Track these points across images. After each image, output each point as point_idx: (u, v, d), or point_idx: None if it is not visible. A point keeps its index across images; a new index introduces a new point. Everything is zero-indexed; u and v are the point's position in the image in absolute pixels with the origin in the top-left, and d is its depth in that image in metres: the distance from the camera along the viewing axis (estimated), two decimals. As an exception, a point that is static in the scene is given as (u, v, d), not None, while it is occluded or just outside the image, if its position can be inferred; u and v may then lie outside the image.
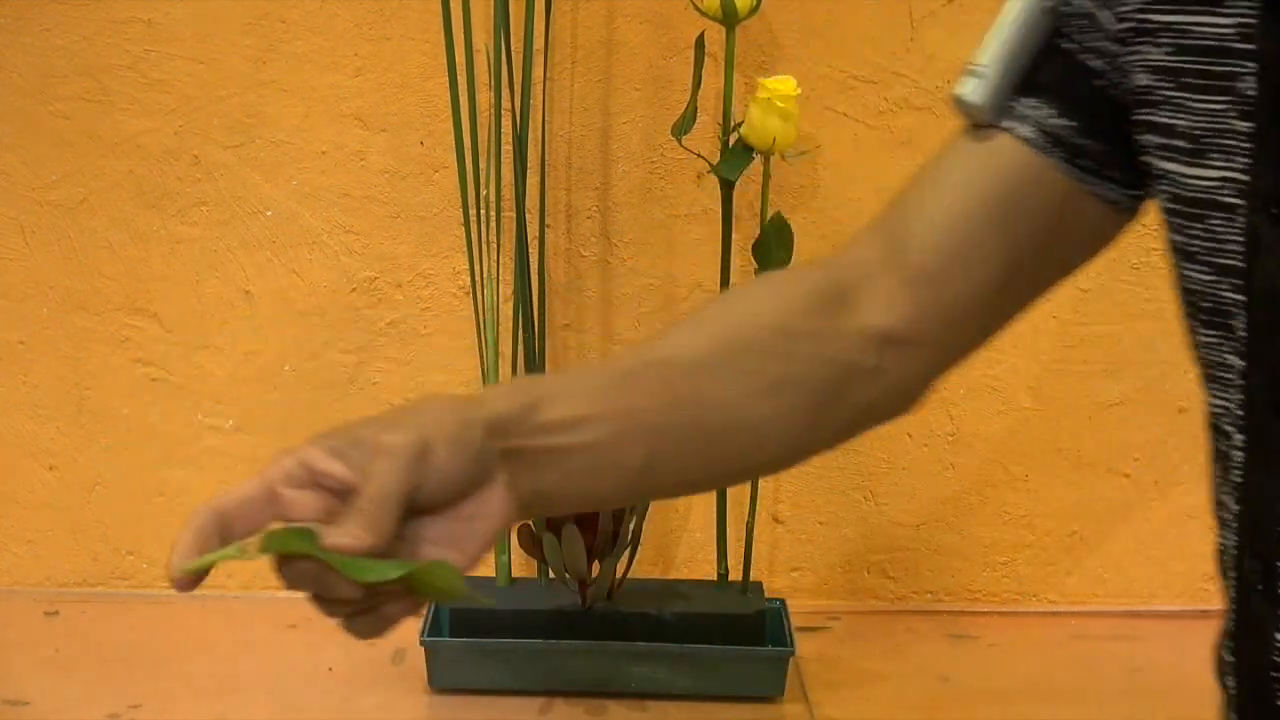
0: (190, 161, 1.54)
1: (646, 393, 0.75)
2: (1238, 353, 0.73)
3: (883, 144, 1.52)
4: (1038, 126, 0.80)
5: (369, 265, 1.56)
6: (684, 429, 0.76)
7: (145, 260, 1.56)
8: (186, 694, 1.39)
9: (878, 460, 1.58)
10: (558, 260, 1.55)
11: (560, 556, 1.36)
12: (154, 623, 1.55)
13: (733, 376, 0.77)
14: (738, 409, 0.77)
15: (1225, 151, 0.71)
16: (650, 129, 1.52)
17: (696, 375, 0.77)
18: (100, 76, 1.52)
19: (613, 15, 1.50)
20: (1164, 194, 0.76)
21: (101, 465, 1.60)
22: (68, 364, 1.58)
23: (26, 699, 1.37)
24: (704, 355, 0.78)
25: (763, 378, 0.78)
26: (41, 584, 1.62)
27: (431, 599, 0.78)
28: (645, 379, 0.75)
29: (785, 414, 0.79)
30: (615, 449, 0.74)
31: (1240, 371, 0.73)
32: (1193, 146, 0.73)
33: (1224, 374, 0.74)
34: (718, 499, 1.50)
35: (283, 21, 1.51)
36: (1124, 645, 1.53)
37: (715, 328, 0.80)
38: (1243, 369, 0.73)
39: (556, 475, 0.73)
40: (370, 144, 1.54)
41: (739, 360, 0.78)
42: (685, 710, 1.37)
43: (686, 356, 0.77)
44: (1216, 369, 0.75)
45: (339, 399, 1.58)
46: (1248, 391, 0.73)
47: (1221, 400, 0.75)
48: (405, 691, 1.40)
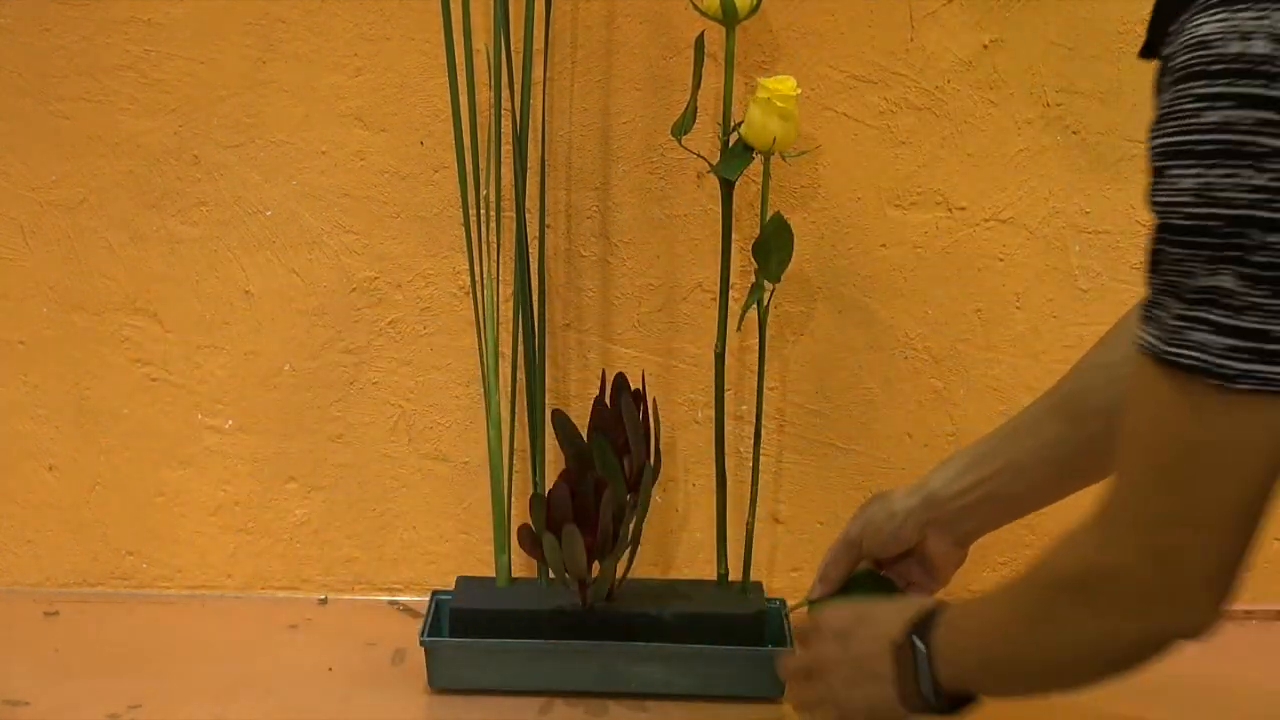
0: (190, 161, 1.54)
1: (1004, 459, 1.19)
2: None
3: (883, 144, 1.52)
4: None
5: (369, 265, 1.56)
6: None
7: (145, 260, 1.56)
8: (186, 694, 1.39)
9: (878, 460, 1.58)
10: (558, 260, 1.55)
11: (560, 556, 1.36)
12: (154, 623, 1.55)
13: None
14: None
15: None
16: (650, 129, 1.52)
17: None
18: (100, 76, 1.52)
19: (613, 15, 1.50)
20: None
21: (101, 465, 1.60)
22: (68, 364, 1.58)
23: (26, 699, 1.37)
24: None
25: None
26: (41, 584, 1.62)
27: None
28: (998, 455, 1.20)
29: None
30: (1000, 496, 1.20)
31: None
32: None
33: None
34: (718, 499, 1.50)
35: (283, 21, 1.51)
36: (1124, 645, 1.53)
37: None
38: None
39: (971, 521, 1.22)
40: (370, 144, 1.54)
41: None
42: (685, 710, 1.37)
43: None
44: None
45: (339, 399, 1.58)
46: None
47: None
48: (405, 691, 1.40)
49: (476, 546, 1.60)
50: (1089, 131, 1.51)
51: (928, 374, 1.56)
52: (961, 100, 1.51)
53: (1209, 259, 0.84)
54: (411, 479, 1.60)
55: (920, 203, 1.53)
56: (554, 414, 1.41)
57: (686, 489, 1.60)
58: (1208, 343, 0.84)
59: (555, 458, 1.45)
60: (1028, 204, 1.53)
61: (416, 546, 1.61)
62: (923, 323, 1.55)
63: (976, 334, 1.55)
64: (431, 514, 1.61)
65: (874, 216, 1.53)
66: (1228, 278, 0.83)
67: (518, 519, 1.52)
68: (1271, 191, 0.81)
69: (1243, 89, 0.81)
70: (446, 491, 1.60)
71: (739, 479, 1.53)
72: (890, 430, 1.58)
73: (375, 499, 1.60)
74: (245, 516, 1.60)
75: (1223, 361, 0.84)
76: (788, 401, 1.57)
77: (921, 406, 1.57)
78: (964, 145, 1.52)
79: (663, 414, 1.53)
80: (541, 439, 1.49)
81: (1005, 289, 1.54)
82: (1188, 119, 0.83)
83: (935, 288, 1.55)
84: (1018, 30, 1.49)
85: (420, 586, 1.60)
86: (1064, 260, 1.53)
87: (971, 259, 1.54)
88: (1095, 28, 1.48)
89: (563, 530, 1.34)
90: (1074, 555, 0.96)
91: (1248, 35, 0.81)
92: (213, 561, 1.61)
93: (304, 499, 1.60)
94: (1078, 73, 1.50)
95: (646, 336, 1.56)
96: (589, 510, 1.36)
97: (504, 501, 1.50)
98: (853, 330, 1.56)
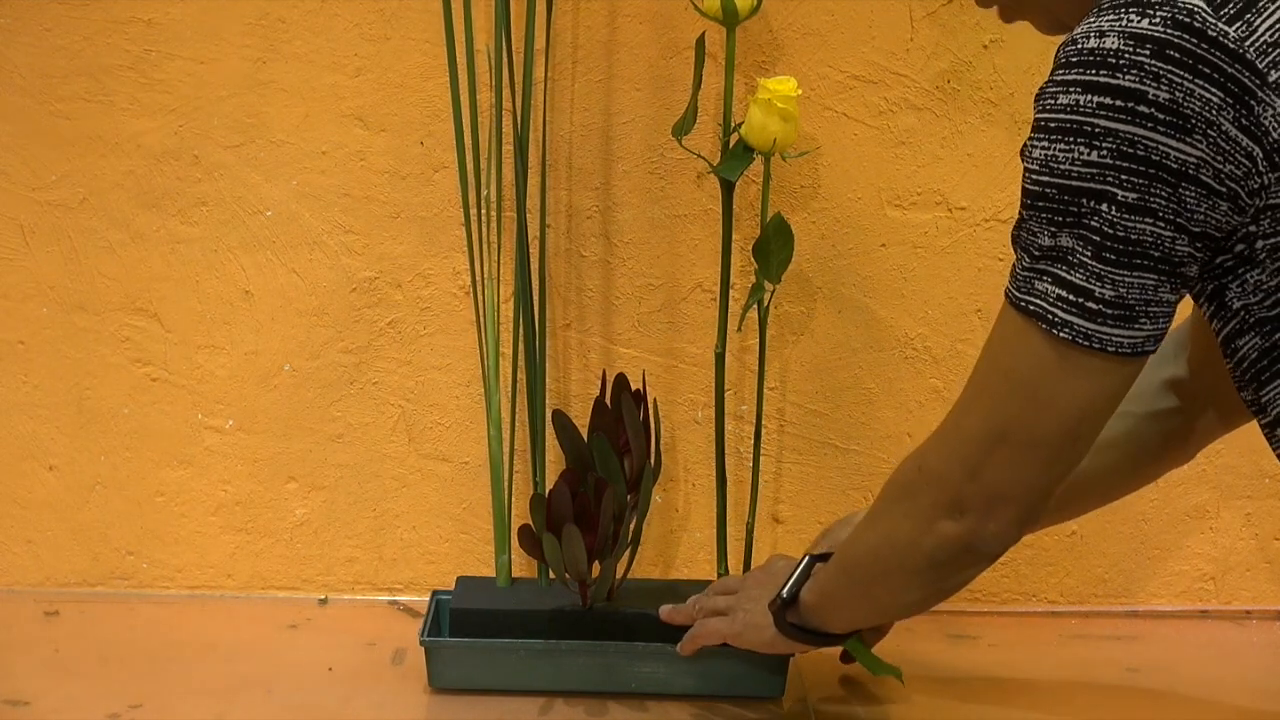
0: (190, 161, 1.54)
1: None
2: None
3: (883, 144, 1.52)
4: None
5: (369, 265, 1.56)
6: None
7: (145, 260, 1.56)
8: (186, 694, 1.39)
9: (878, 460, 1.58)
10: (558, 260, 1.55)
11: (560, 557, 1.36)
12: (154, 623, 1.55)
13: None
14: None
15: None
16: (650, 129, 1.52)
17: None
18: (100, 76, 1.52)
19: (613, 15, 1.50)
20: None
21: (101, 465, 1.60)
22: (68, 364, 1.58)
23: (26, 699, 1.37)
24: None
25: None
26: (41, 584, 1.62)
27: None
28: None
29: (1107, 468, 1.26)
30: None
31: None
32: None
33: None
34: (718, 499, 1.50)
35: (283, 21, 1.51)
36: (1124, 645, 1.53)
37: None
38: None
39: None
40: (370, 144, 1.54)
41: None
42: (685, 710, 1.37)
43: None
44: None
45: (339, 399, 1.58)
46: None
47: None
48: (405, 691, 1.40)
49: (476, 546, 1.60)
50: (1089, 132, 1.51)
51: (928, 374, 1.56)
52: (961, 100, 1.51)
53: (1049, 222, 0.96)
54: (411, 479, 1.60)
55: (920, 203, 1.53)
56: (554, 414, 1.42)
57: (686, 489, 1.60)
58: (1045, 292, 0.97)
59: (555, 458, 1.45)
60: (1028, 204, 1.52)
61: (416, 546, 1.61)
62: (923, 323, 1.55)
63: (976, 334, 1.55)
64: (431, 514, 1.61)
65: (874, 216, 1.53)
66: (1065, 238, 0.96)
67: (518, 519, 1.52)
68: (1101, 166, 0.93)
69: (1090, 77, 0.93)
70: (446, 491, 1.60)
71: (739, 479, 1.53)
72: (890, 430, 1.58)
73: (375, 499, 1.60)
74: (245, 516, 1.60)
75: (1052, 311, 0.97)
76: (788, 401, 1.57)
77: (921, 406, 1.57)
78: (964, 145, 1.52)
79: (663, 414, 1.53)
80: (541, 439, 1.49)
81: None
82: (1046, 99, 0.96)
83: (935, 288, 1.55)
84: (1018, 30, 1.49)
85: (420, 586, 1.60)
86: (1064, 260, 1.53)
87: (971, 259, 1.54)
88: (1095, 28, 1.48)
89: (563, 530, 1.34)
90: (909, 462, 1.11)
91: (1104, 33, 0.93)
92: (213, 561, 1.61)
93: (304, 499, 1.60)
94: (1078, 73, 1.49)
95: (647, 336, 1.56)
96: (589, 510, 1.36)
97: (504, 501, 1.50)
98: (853, 330, 1.56)
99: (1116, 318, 0.96)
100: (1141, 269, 0.95)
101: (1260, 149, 0.92)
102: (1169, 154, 0.92)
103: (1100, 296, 0.95)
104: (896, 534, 1.11)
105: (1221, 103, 0.91)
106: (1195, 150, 0.92)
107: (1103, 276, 0.95)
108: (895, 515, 1.12)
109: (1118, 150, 0.92)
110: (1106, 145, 0.92)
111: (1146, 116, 0.91)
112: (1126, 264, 0.95)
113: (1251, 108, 0.91)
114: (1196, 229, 0.95)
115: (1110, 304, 0.96)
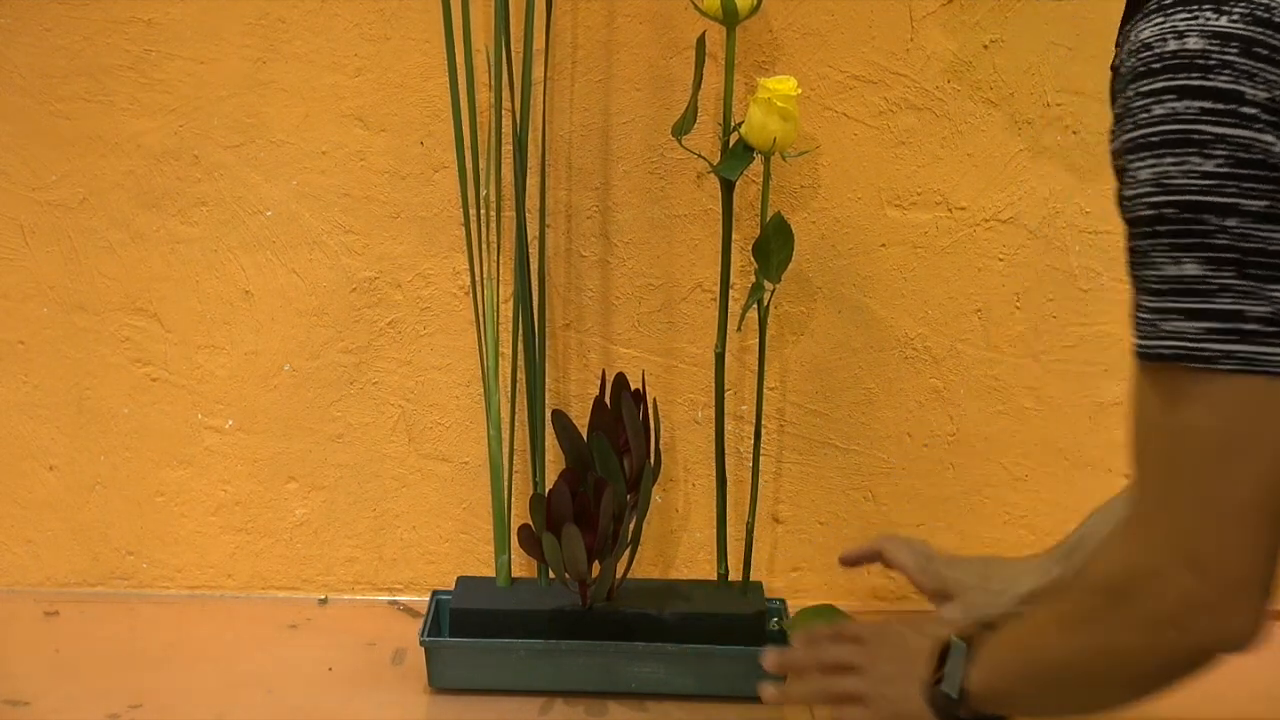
0: (190, 161, 1.54)
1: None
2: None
3: (883, 144, 1.52)
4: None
5: (369, 265, 1.56)
6: None
7: (145, 260, 1.56)
8: (186, 694, 1.39)
9: (878, 460, 1.58)
10: (558, 260, 1.55)
11: (560, 557, 1.36)
12: (154, 623, 1.55)
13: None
14: None
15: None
16: (650, 129, 1.52)
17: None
18: (100, 76, 1.52)
19: (613, 15, 1.50)
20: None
21: (101, 465, 1.60)
22: (68, 364, 1.58)
23: (26, 699, 1.37)
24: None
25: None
26: (41, 584, 1.62)
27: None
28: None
29: None
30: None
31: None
32: None
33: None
34: (718, 499, 1.50)
35: (283, 21, 1.51)
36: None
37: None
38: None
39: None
40: (370, 144, 1.54)
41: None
42: (685, 710, 1.38)
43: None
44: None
45: (339, 399, 1.58)
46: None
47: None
48: (405, 691, 1.40)
49: (476, 546, 1.60)
50: (1089, 131, 1.51)
51: (928, 374, 1.56)
52: (961, 100, 1.51)
53: (1171, 247, 0.87)
54: (411, 479, 1.60)
55: (920, 203, 1.53)
56: (554, 414, 1.42)
57: (686, 489, 1.60)
58: (1183, 330, 0.87)
59: (555, 458, 1.45)
60: (1028, 204, 1.53)
61: (416, 546, 1.61)
62: (923, 323, 1.55)
63: (976, 334, 1.55)
64: (431, 514, 1.61)
65: (874, 216, 1.53)
66: (1191, 265, 0.86)
67: (518, 519, 1.52)
68: (1220, 177, 0.85)
69: (1183, 81, 0.86)
70: (446, 491, 1.60)
71: (739, 479, 1.53)
72: (890, 430, 1.58)
73: (375, 499, 1.61)
74: (245, 516, 1.61)
75: (1201, 345, 0.87)
76: (788, 401, 1.57)
77: (921, 406, 1.57)
78: (964, 145, 1.52)
79: (663, 414, 1.53)
80: (541, 439, 1.49)
81: (1005, 289, 1.54)
82: (1138, 114, 0.88)
83: (935, 288, 1.55)
84: (1018, 30, 1.49)
85: (420, 586, 1.60)
86: (1064, 260, 1.53)
87: (971, 259, 1.54)
88: (1095, 28, 1.48)
89: (563, 530, 1.34)
90: (1112, 560, 0.95)
91: (1182, 34, 0.87)
92: (213, 561, 1.61)
93: (304, 499, 1.60)
94: (1078, 73, 1.50)
95: (646, 336, 1.56)
96: (589, 510, 1.36)
97: (504, 501, 1.50)
98: (853, 330, 1.56)
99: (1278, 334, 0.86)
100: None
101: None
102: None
103: (1255, 315, 0.86)
104: (1113, 646, 0.95)
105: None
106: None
107: (1252, 294, 0.86)
108: (1107, 625, 0.95)
109: (1233, 157, 0.86)
110: (1220, 152, 0.86)
111: (1252, 118, 0.86)
112: (1274, 276, 0.86)
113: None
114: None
115: (1269, 320, 0.86)
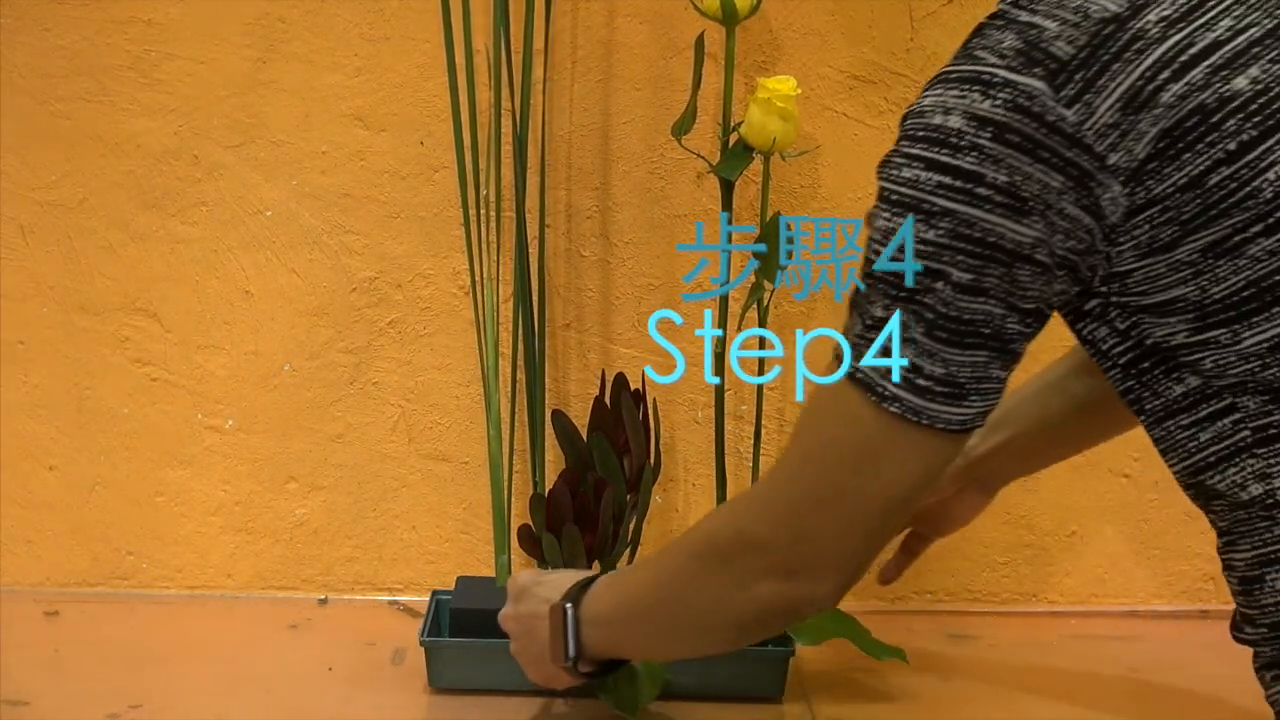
0: (190, 161, 1.54)
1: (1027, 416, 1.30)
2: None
3: (883, 144, 1.51)
4: None
5: (369, 265, 1.56)
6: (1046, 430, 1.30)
7: (145, 260, 1.56)
8: (186, 694, 1.39)
9: (878, 460, 1.58)
10: (558, 260, 1.55)
11: (560, 556, 1.36)
12: (154, 623, 1.55)
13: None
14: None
15: None
16: (650, 129, 1.52)
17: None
18: (100, 76, 1.52)
19: (613, 15, 1.50)
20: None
21: (101, 465, 1.60)
22: (68, 364, 1.58)
23: (26, 699, 1.37)
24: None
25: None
26: (41, 584, 1.62)
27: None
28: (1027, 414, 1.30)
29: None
30: (1032, 450, 1.31)
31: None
32: None
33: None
34: (718, 499, 1.50)
35: (283, 21, 1.51)
36: (1123, 645, 1.53)
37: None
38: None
39: (1003, 473, 1.32)
40: (370, 144, 1.54)
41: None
42: (685, 710, 1.37)
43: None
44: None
45: (339, 399, 1.58)
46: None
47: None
48: (405, 691, 1.40)
49: (476, 546, 1.60)
50: (1089, 131, 1.51)
51: (928, 374, 1.56)
52: (961, 100, 1.50)
53: (884, 294, 0.95)
54: (411, 479, 1.60)
55: (920, 203, 1.53)
56: (554, 414, 1.42)
57: (686, 489, 1.60)
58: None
59: (555, 458, 1.45)
60: (1028, 204, 1.52)
61: (416, 546, 1.61)
62: (923, 323, 1.55)
63: (976, 334, 1.55)
64: (431, 514, 1.61)
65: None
66: (892, 314, 0.95)
67: (518, 519, 1.52)
68: (938, 245, 0.92)
69: (933, 155, 0.93)
70: (446, 491, 1.60)
71: (739, 479, 1.53)
72: (890, 430, 1.58)
73: (375, 499, 1.60)
74: (245, 516, 1.60)
75: (882, 383, 0.96)
76: (787, 401, 1.57)
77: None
78: (964, 145, 1.51)
79: (663, 414, 1.53)
80: (541, 439, 1.49)
81: (1005, 289, 1.54)
82: (892, 170, 0.96)
83: (935, 288, 1.54)
84: (1018, 30, 1.49)
85: (420, 586, 1.60)
86: (1064, 260, 1.53)
87: (971, 259, 1.54)
88: (1095, 28, 1.48)
89: (563, 530, 1.34)
90: (725, 525, 1.08)
91: (949, 110, 0.93)
92: (213, 561, 1.61)
93: (304, 499, 1.60)
94: (1078, 73, 1.49)
95: (646, 336, 1.56)
96: (589, 510, 1.36)
97: (504, 501, 1.50)
98: (853, 330, 1.55)
99: (946, 395, 0.95)
100: (973, 347, 0.95)
101: (1099, 227, 0.92)
102: (1005, 235, 0.92)
103: (930, 373, 0.95)
104: (702, 593, 1.08)
105: (1061, 186, 0.91)
106: (1032, 231, 0.92)
107: (933, 354, 0.94)
108: (700, 573, 1.08)
109: (954, 231, 0.92)
110: (944, 225, 0.92)
111: (984, 199, 0.91)
112: (958, 342, 0.94)
113: (1090, 189, 0.91)
114: (1029, 305, 0.95)
115: (940, 381, 0.95)
